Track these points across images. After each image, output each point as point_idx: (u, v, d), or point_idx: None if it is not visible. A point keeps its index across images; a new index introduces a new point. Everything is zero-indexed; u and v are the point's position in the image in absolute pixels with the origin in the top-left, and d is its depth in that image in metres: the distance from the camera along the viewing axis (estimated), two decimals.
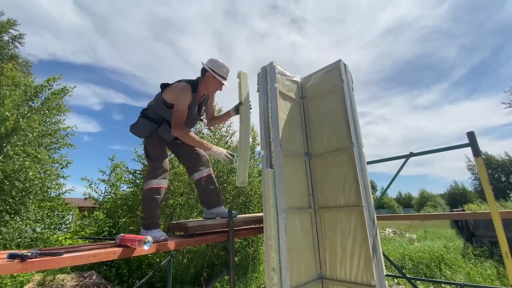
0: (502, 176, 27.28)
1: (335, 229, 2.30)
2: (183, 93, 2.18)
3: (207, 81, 2.37)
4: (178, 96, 2.17)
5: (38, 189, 5.82)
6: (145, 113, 2.36)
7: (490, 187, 2.07)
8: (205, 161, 2.57)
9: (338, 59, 2.69)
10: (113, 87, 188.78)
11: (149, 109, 2.37)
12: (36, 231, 6.18)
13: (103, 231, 6.98)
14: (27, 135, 5.62)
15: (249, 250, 6.98)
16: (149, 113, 2.35)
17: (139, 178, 7.36)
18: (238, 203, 7.07)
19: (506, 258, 1.93)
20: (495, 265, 6.86)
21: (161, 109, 2.30)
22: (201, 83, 2.38)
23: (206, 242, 2.21)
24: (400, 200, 50.75)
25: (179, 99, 2.17)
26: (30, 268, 1.21)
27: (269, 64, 2.63)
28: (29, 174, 5.53)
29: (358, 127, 2.52)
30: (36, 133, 5.96)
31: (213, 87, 2.41)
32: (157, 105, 2.32)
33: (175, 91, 2.21)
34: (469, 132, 2.20)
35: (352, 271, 2.11)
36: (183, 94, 2.17)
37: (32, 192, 5.73)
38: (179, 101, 2.17)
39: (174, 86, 2.26)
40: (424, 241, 10.19)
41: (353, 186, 2.27)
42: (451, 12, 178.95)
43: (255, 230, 2.66)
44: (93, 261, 1.44)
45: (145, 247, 1.58)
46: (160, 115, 2.33)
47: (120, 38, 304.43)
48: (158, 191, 2.16)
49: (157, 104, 2.33)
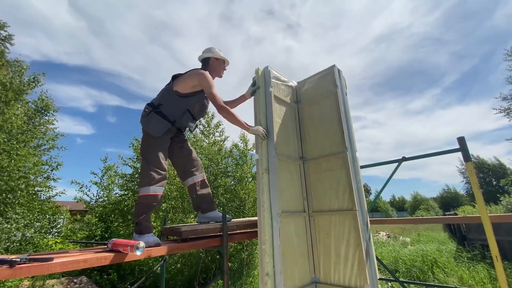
0: (493, 180, 27.79)
1: (329, 233, 2.31)
2: (209, 77, 2.27)
3: (213, 66, 2.48)
4: (206, 80, 2.24)
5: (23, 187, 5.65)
6: (159, 109, 2.23)
7: (480, 191, 2.11)
8: (199, 166, 2.55)
9: (332, 64, 2.72)
10: (108, 89, 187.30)
11: (162, 104, 2.26)
12: (26, 235, 6.03)
13: (95, 235, 6.87)
14: None
15: (243, 254, 6.93)
16: (164, 109, 2.24)
17: (131, 181, 7.30)
18: (233, 207, 7.04)
19: (496, 262, 1.96)
20: (487, 268, 6.96)
21: (177, 103, 2.27)
22: (209, 71, 2.43)
23: (200, 246, 2.19)
24: (394, 204, 51.15)
25: (210, 81, 2.24)
26: (19, 274, 1.18)
27: (265, 69, 2.65)
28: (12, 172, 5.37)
29: (351, 132, 2.54)
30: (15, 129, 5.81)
31: (220, 68, 2.53)
32: (170, 99, 2.26)
33: (200, 77, 2.24)
34: (459, 137, 2.24)
35: (346, 275, 2.12)
36: (209, 77, 2.26)
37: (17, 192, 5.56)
38: (210, 84, 2.24)
39: (194, 73, 2.29)
40: (418, 245, 10.27)
41: (346, 190, 2.28)
42: (442, 19, 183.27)
43: (249, 234, 2.65)
44: (83, 266, 1.41)
45: (138, 253, 1.55)
46: (174, 112, 2.26)
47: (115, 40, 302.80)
48: (154, 198, 2.05)
49: (169, 99, 2.27)
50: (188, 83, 2.26)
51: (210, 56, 2.50)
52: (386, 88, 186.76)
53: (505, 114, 16.66)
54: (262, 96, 2.55)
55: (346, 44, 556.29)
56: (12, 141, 5.65)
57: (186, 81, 2.27)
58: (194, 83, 2.26)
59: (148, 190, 2.03)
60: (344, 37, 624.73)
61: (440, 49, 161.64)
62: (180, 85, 2.27)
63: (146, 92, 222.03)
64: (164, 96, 2.30)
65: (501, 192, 17.45)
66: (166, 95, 2.30)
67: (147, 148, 2.18)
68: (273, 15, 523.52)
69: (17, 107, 6.29)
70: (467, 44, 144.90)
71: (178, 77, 2.32)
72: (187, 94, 2.28)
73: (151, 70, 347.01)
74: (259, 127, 2.37)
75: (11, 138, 5.66)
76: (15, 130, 5.91)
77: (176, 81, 2.30)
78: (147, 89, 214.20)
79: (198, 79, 2.26)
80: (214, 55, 2.50)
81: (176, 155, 2.49)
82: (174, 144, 2.43)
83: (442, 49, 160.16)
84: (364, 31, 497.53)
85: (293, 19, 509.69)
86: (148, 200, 2.03)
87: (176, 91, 2.26)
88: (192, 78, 2.27)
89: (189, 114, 2.33)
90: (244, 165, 7.65)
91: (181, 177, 2.55)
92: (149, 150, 2.16)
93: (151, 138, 2.19)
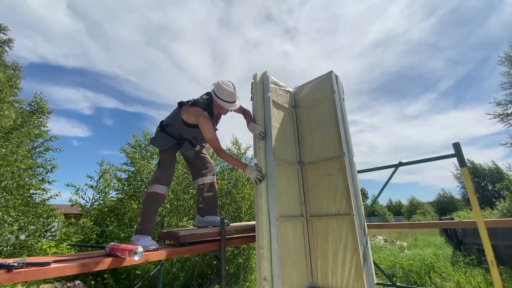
0: (488, 184, 28.00)
1: (327, 237, 2.32)
2: (207, 123, 2.28)
3: (216, 104, 2.49)
4: (204, 126, 2.27)
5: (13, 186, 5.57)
6: (165, 129, 2.51)
7: (475, 196, 2.14)
8: (211, 168, 2.70)
9: (329, 69, 2.77)
10: (105, 91, 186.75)
11: (169, 125, 2.50)
12: (20, 238, 5.95)
13: (90, 239, 6.78)
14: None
15: (240, 259, 6.89)
16: (169, 129, 2.50)
17: (127, 185, 7.26)
18: (229, 211, 7.02)
19: (492, 267, 1.98)
20: (483, 272, 6.98)
21: (181, 128, 2.44)
22: (213, 104, 2.48)
23: (198, 251, 2.18)
24: (391, 208, 51.27)
25: (206, 128, 2.27)
26: (16, 278, 1.18)
27: (263, 74, 2.67)
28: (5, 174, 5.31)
29: (349, 137, 2.57)
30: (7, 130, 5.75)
31: (223, 110, 2.53)
32: (176, 124, 2.46)
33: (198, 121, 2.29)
34: (454, 143, 2.28)
35: (343, 279, 2.12)
36: (207, 124, 2.28)
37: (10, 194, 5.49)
38: (207, 131, 2.27)
39: (194, 113, 2.31)
40: (415, 249, 10.30)
41: (344, 194, 2.30)
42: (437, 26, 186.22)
43: (247, 238, 2.65)
44: (81, 271, 1.40)
45: (136, 258, 1.55)
46: (180, 133, 2.49)
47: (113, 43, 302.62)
48: (159, 196, 2.26)
49: (176, 123, 2.46)
50: (190, 118, 2.37)
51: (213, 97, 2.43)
52: (382, 92, 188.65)
53: (499, 120, 16.89)
54: (260, 101, 2.57)
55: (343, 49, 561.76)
56: (6, 143, 5.60)
57: (188, 115, 2.37)
58: (194, 120, 2.35)
59: (155, 188, 2.26)
60: (341, 42, 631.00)
61: (436, 55, 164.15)
62: (185, 115, 2.38)
63: (143, 95, 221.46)
64: (172, 119, 2.49)
65: (496, 196, 17.58)
66: (174, 119, 2.48)
67: (161, 158, 2.49)
68: (271, 19, 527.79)
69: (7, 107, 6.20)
70: (461, 50, 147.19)
71: (184, 105, 2.39)
72: (191, 124, 2.39)
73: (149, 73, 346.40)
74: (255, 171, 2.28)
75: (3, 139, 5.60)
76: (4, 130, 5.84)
77: (182, 108, 2.40)
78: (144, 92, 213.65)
79: (196, 120, 2.32)
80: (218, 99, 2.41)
81: (192, 159, 2.66)
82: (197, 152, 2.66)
83: (437, 55, 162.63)
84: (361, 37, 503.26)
85: (290, 24, 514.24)
86: (153, 198, 2.21)
87: (182, 118, 2.39)
88: (191, 116, 2.35)
89: (188, 144, 2.50)
90: (238, 169, 7.66)
91: (193, 177, 2.76)
92: (162, 159, 2.47)
93: (162, 150, 2.48)
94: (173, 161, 2.53)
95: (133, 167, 7.32)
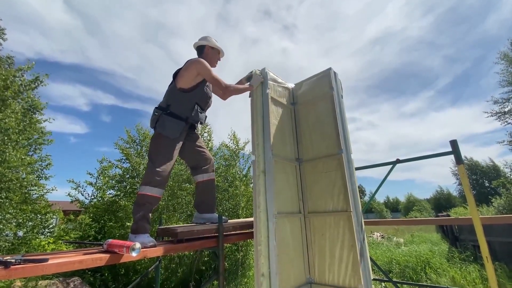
0: (485, 182, 28.23)
1: (324, 234, 2.33)
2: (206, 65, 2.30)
3: (207, 55, 2.49)
4: (204, 67, 2.28)
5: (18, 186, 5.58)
6: (169, 110, 2.23)
7: (472, 193, 2.16)
8: (210, 164, 2.58)
9: (328, 66, 2.76)
10: (102, 88, 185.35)
11: (170, 105, 2.25)
12: (18, 234, 5.94)
13: (88, 235, 6.79)
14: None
15: (238, 255, 6.93)
16: (173, 108, 2.24)
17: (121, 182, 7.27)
18: (227, 207, 7.05)
19: (487, 262, 2.00)
20: (478, 268, 7.08)
21: (183, 100, 2.28)
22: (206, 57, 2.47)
23: (196, 247, 2.19)
24: (388, 205, 51.66)
25: (208, 67, 2.30)
26: (14, 275, 1.18)
27: (262, 70, 2.66)
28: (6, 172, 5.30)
29: (347, 134, 2.58)
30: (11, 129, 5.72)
31: (214, 58, 2.54)
32: (176, 98, 2.27)
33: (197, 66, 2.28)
34: (452, 140, 2.29)
35: (340, 275, 2.14)
36: (206, 63, 2.30)
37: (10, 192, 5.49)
38: (209, 69, 2.29)
39: (190, 63, 2.32)
40: (411, 245, 10.40)
41: (341, 191, 2.31)
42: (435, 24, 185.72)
43: (245, 235, 2.66)
44: (79, 267, 1.41)
45: (133, 254, 1.55)
46: (183, 107, 2.28)
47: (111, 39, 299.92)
48: (151, 199, 2.03)
49: (176, 97, 2.28)
50: (188, 76, 2.28)
51: (205, 44, 2.52)
52: (380, 90, 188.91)
53: (496, 118, 16.96)
54: (259, 97, 2.57)
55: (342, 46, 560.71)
56: (6, 141, 5.56)
57: (185, 74, 2.29)
58: (193, 73, 2.29)
59: (146, 190, 2.02)
60: (339, 40, 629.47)
61: (433, 53, 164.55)
62: (182, 81, 2.29)
63: (141, 92, 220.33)
64: (170, 96, 2.31)
65: (493, 193, 17.75)
66: (172, 95, 2.31)
67: (154, 149, 2.17)
68: (269, 16, 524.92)
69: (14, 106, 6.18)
70: (459, 48, 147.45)
71: (178, 74, 2.34)
72: (192, 87, 2.30)
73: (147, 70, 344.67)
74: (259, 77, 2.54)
75: (5, 138, 5.57)
76: (12, 130, 5.82)
77: (177, 78, 2.32)
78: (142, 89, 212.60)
79: (196, 68, 2.28)
80: (210, 43, 2.52)
81: (189, 153, 2.50)
82: (187, 142, 2.44)
83: (435, 53, 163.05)
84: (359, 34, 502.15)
85: (289, 21, 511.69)
86: (145, 200, 2.01)
87: (180, 88, 2.28)
88: (190, 70, 2.29)
89: (198, 107, 2.37)
90: (235, 166, 7.67)
91: (192, 173, 2.62)
92: (156, 152, 2.15)
93: (163, 139, 2.17)
94: (171, 154, 2.16)
95: (128, 164, 7.31)
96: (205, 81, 2.40)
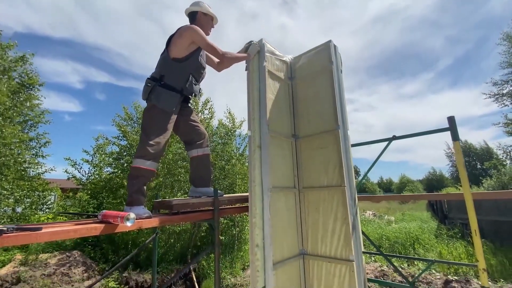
0: (477, 163, 28.81)
1: (318, 208, 2.37)
2: (199, 30, 2.19)
3: (200, 21, 2.37)
4: (198, 34, 2.17)
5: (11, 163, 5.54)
6: (163, 81, 2.14)
7: (465, 169, 2.18)
8: (205, 139, 2.53)
9: None
10: (95, 65, 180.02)
11: (164, 75, 2.16)
12: (16, 210, 6.01)
13: (87, 211, 6.89)
14: None
15: (234, 231, 7.13)
16: (167, 80, 2.15)
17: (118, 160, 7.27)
18: (224, 185, 7.12)
19: (475, 236, 2.06)
20: (464, 245, 7.40)
21: (177, 70, 2.19)
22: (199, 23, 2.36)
23: (191, 219, 2.21)
24: (381, 185, 52.91)
25: (202, 34, 2.19)
26: (6, 242, 1.17)
27: (259, 41, 2.55)
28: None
29: (344, 109, 2.54)
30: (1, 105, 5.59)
31: (207, 25, 2.43)
32: (170, 68, 2.18)
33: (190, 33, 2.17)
34: (449, 116, 2.27)
35: (332, 247, 2.21)
36: (200, 30, 2.19)
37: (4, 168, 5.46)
38: (203, 36, 2.19)
39: (183, 31, 2.18)
40: (401, 223, 10.76)
41: (336, 166, 2.32)
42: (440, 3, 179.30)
43: (240, 208, 2.70)
44: (73, 236, 1.41)
45: (128, 224, 1.56)
46: (178, 78, 2.20)
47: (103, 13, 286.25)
48: (145, 172, 2.00)
49: (169, 68, 2.18)
50: (182, 44, 2.17)
51: (197, 10, 2.38)
52: (380, 70, 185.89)
53: (494, 100, 16.92)
54: (255, 71, 2.48)
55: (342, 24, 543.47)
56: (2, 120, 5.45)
57: (178, 42, 2.17)
58: (187, 41, 2.17)
59: (140, 163, 2.00)
60: (340, 16, 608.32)
61: (436, 33, 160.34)
62: (175, 50, 2.17)
63: (136, 69, 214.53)
64: (163, 67, 2.20)
65: (484, 175, 18.17)
66: (165, 65, 2.20)
67: (148, 121, 2.11)
68: None
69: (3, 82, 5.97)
70: (462, 28, 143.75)
71: (170, 42, 2.22)
72: (185, 57, 2.20)
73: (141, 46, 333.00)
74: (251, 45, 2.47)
75: None
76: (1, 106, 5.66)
77: (170, 47, 2.20)
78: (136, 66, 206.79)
79: (190, 35, 2.17)
80: (202, 9, 2.38)
81: (183, 127, 2.43)
82: (180, 117, 2.36)
83: (437, 33, 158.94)
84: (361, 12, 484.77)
85: None
86: (140, 173, 1.99)
87: (174, 57, 2.17)
88: (183, 37, 2.17)
89: (193, 78, 2.28)
90: (231, 144, 7.66)
91: (186, 148, 2.57)
92: (150, 124, 2.10)
93: (158, 112, 2.10)
94: (165, 127, 2.11)
95: (126, 141, 7.27)
96: (200, 49, 2.29)
